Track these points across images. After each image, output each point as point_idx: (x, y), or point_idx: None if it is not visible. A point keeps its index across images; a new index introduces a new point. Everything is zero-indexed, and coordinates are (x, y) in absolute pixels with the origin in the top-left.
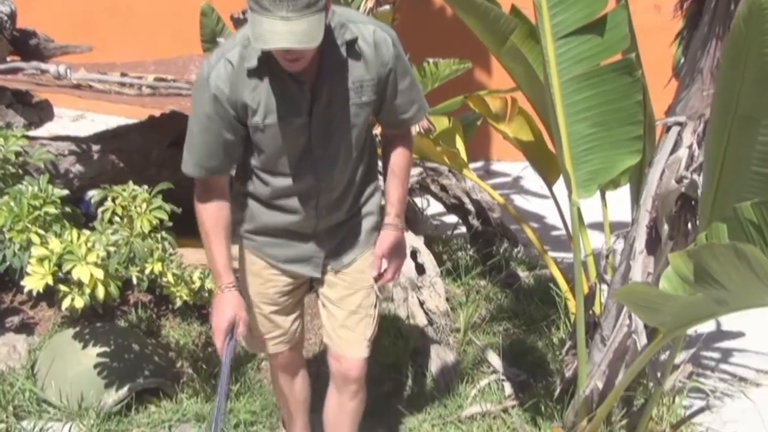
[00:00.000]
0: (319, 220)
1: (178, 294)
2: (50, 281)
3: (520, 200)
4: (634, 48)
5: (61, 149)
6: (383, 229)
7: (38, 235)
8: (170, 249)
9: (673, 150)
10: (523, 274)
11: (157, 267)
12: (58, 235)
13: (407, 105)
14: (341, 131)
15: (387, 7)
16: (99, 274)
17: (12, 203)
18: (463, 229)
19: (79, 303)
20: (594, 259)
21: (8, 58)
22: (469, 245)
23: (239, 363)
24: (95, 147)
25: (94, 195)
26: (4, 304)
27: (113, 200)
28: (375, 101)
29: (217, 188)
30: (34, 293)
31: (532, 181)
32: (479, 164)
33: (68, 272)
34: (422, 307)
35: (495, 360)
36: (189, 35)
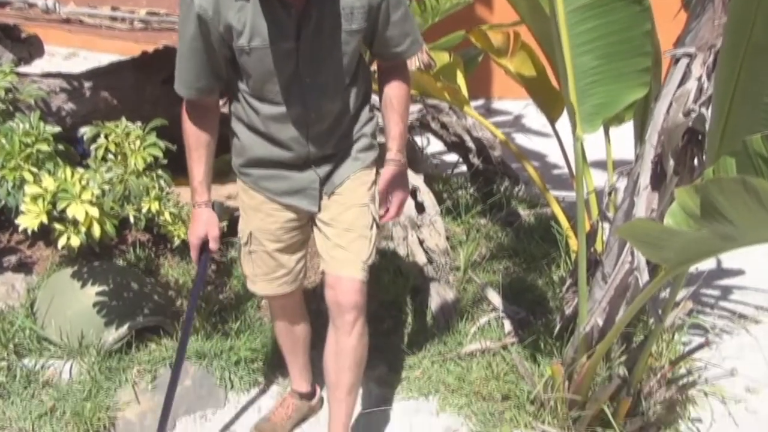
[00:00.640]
0: (311, 150)
1: (176, 233)
2: (45, 220)
3: (521, 139)
4: None
5: (52, 86)
6: (385, 165)
7: (31, 173)
8: (166, 187)
9: (682, 83)
10: (523, 212)
11: (155, 206)
12: (51, 173)
13: (401, 37)
14: (331, 59)
15: None
16: (94, 212)
17: (3, 140)
18: (463, 167)
19: (75, 242)
20: (596, 197)
21: None
22: (469, 183)
23: (239, 301)
24: (87, 84)
25: (86, 132)
26: (1, 244)
27: (106, 137)
28: (366, 29)
29: (205, 108)
30: (29, 232)
31: (534, 119)
32: (480, 102)
33: (63, 211)
34: (422, 246)
35: (495, 298)
36: None
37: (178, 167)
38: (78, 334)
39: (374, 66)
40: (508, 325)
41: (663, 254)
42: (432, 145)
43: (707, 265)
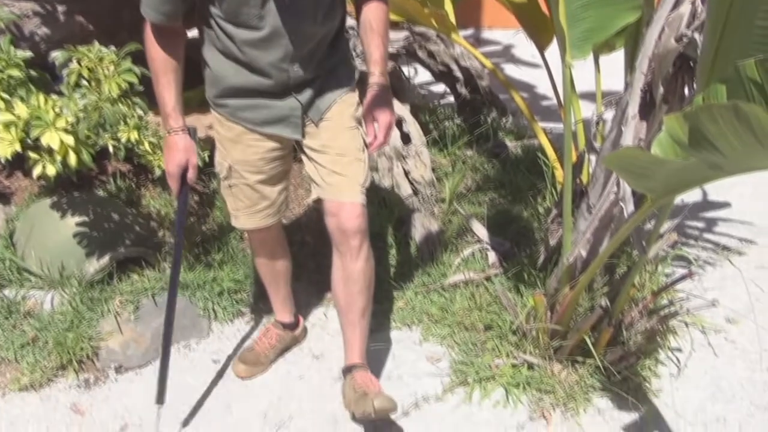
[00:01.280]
0: (291, 75)
1: (156, 163)
2: (18, 148)
3: (510, 69)
4: None
5: (24, 10)
6: (368, 89)
7: (3, 99)
8: (144, 115)
9: (675, 6)
10: (510, 143)
11: (133, 135)
12: (24, 100)
13: None
14: None
15: None
16: (69, 140)
17: None
18: (450, 98)
19: (51, 171)
20: (584, 127)
21: None
22: (456, 114)
23: (222, 232)
24: (62, 8)
25: (58, 56)
26: None
27: (78, 62)
28: None
29: (171, 31)
30: (4, 161)
31: (523, 49)
32: (469, 32)
33: (37, 139)
34: (407, 177)
35: (480, 229)
36: None
37: (152, 92)
38: (58, 264)
39: None
40: (492, 257)
41: (649, 184)
42: (419, 75)
43: (693, 197)
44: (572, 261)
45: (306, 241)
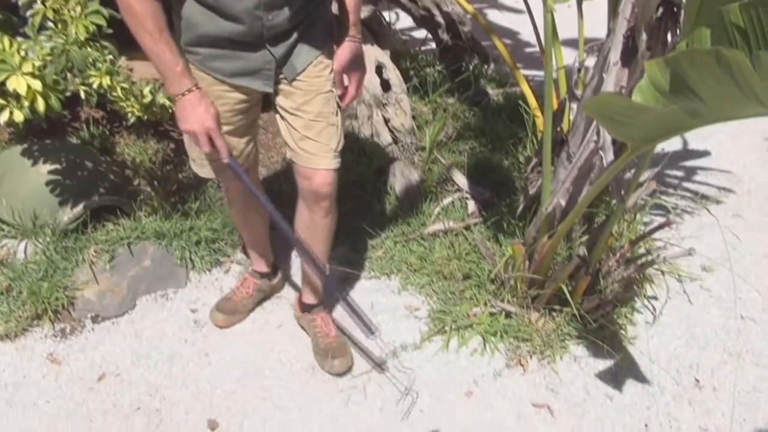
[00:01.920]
0: (265, 25)
1: (129, 109)
2: None
3: (493, 14)
4: None
5: None
6: (341, 43)
7: None
8: (117, 60)
9: None
10: (492, 91)
11: (105, 80)
12: None
13: None
14: None
15: None
16: (36, 85)
17: None
18: (432, 44)
19: (19, 117)
20: (566, 74)
21: None
22: (437, 61)
23: (199, 181)
24: None
25: None
26: None
27: (43, 2)
28: None
29: None
30: None
31: None
32: None
33: (3, 84)
34: (387, 125)
35: (460, 178)
36: None
37: (125, 39)
38: (31, 213)
39: None
40: (471, 206)
41: (629, 132)
42: (400, 20)
43: (673, 146)
44: (551, 210)
45: (283, 190)
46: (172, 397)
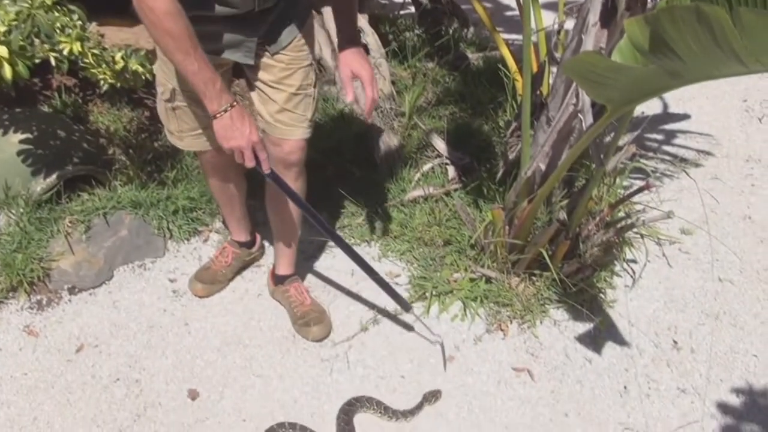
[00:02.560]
0: (257, 9)
1: (102, 76)
2: None
3: None
4: None
5: None
6: (340, 50)
7: None
8: (87, 25)
9: None
10: (472, 55)
11: (76, 47)
12: None
13: None
14: None
15: None
16: (2, 51)
17: None
18: (411, 8)
19: None
20: (545, 37)
21: None
22: (417, 25)
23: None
24: None
25: None
26: None
27: None
28: None
29: None
30: None
31: None
32: None
33: None
34: None
35: (440, 144)
36: None
37: (95, 4)
38: (3, 184)
39: None
40: (451, 172)
41: (608, 93)
42: None
43: (653, 109)
44: (531, 174)
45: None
46: (152, 367)
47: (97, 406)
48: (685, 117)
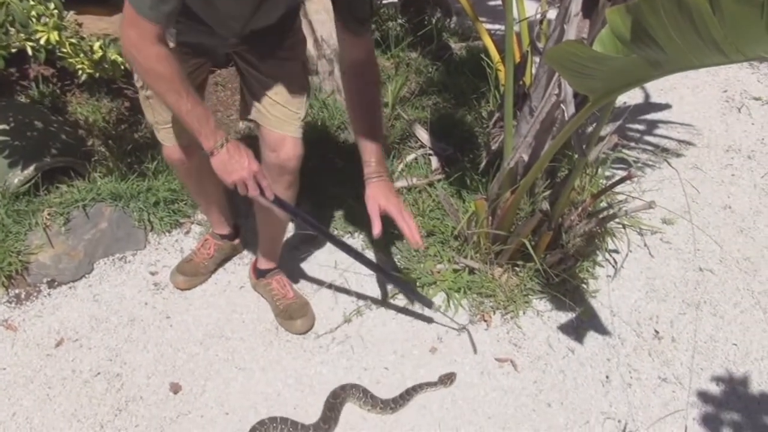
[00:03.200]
0: (243, 32)
1: (79, 66)
2: None
3: None
4: None
5: None
6: (367, 181)
7: None
8: (63, 14)
9: None
10: (455, 45)
11: (53, 36)
12: None
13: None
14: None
15: None
16: None
17: None
18: None
19: None
20: (528, 27)
21: None
22: (399, 15)
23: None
24: None
25: None
26: None
27: None
28: None
29: (163, 38)
30: None
31: None
32: None
33: None
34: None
35: (423, 134)
36: None
37: None
38: None
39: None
40: (435, 162)
41: (590, 83)
42: None
43: (634, 99)
44: (513, 165)
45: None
46: (133, 361)
47: (78, 401)
48: (666, 107)
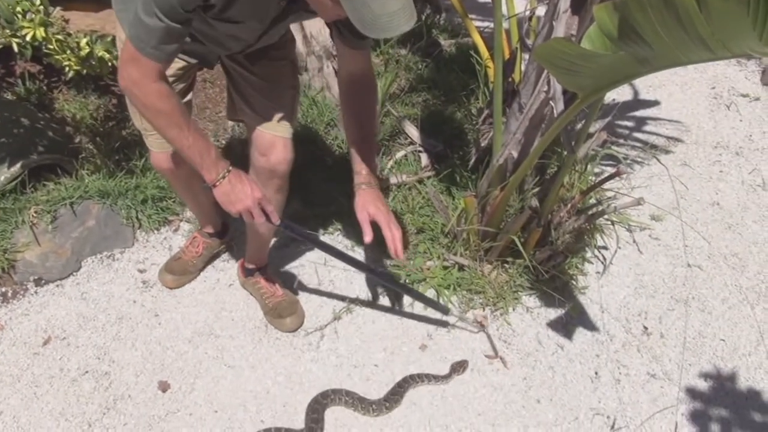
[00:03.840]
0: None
1: (66, 62)
2: None
3: None
4: None
5: None
6: (357, 190)
7: None
8: (49, 10)
9: None
10: (444, 42)
11: (39, 32)
12: None
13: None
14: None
15: None
16: None
17: None
18: None
19: None
20: (517, 23)
21: None
22: None
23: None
24: None
25: None
26: None
27: None
28: None
29: (164, 75)
30: None
31: None
32: None
33: None
34: (338, 77)
35: (412, 131)
36: None
37: None
38: None
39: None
40: (424, 159)
41: (579, 80)
42: None
43: (623, 96)
44: (503, 162)
45: (232, 146)
46: (122, 359)
47: (66, 400)
48: (655, 104)
